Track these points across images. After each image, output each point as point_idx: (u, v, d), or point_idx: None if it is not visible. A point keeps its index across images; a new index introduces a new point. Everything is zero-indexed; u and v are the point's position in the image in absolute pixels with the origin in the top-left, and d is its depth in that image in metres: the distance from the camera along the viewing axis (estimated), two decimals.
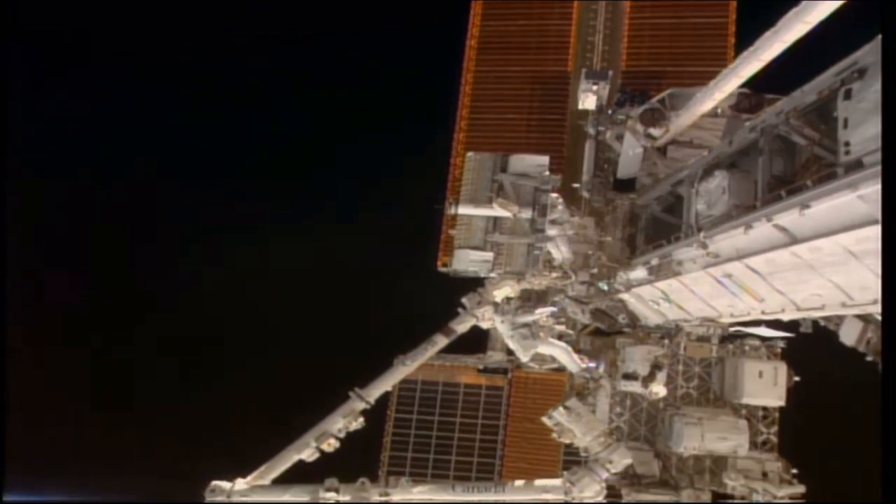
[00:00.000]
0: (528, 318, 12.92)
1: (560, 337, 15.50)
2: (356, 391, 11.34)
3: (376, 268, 29.65)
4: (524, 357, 13.13)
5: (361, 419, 11.21)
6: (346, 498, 10.51)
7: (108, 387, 32.61)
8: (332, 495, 10.48)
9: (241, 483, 10.57)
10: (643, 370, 13.14)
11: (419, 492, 10.88)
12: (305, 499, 10.52)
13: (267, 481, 10.70)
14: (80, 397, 32.10)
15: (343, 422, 11.01)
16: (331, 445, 10.89)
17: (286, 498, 10.64)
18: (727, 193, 8.65)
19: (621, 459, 11.39)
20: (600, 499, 11.04)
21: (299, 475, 10.92)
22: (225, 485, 10.51)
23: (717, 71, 9.93)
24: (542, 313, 13.27)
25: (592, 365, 14.70)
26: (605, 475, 11.09)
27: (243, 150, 33.79)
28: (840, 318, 10.99)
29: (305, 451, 10.81)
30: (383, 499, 10.55)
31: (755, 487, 13.47)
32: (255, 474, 10.75)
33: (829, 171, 6.52)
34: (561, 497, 10.94)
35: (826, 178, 6.43)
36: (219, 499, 10.39)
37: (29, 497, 31.29)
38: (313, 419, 11.08)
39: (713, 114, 12.37)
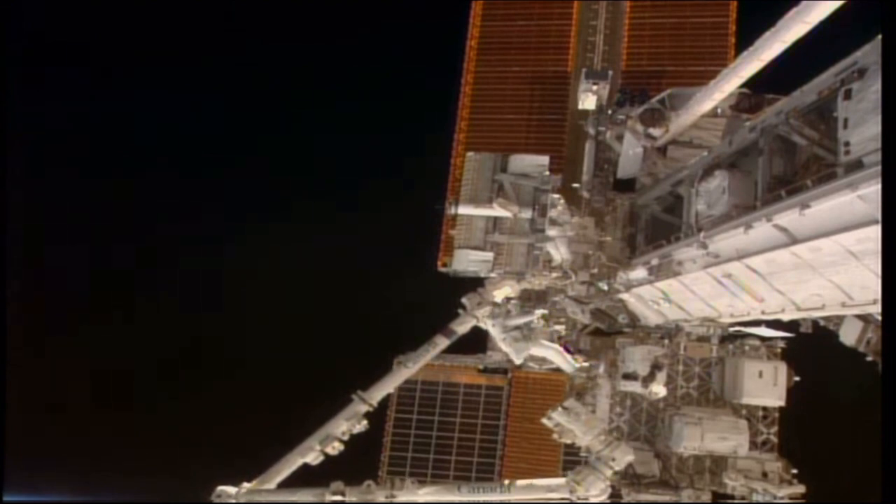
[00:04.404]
0: (520, 321, 12.92)
1: (560, 337, 15.53)
2: (359, 394, 11.32)
3: (376, 268, 29.70)
4: (517, 359, 13.13)
5: (365, 422, 11.18)
6: (353, 499, 10.47)
7: (108, 387, 32.64)
8: (338, 498, 10.45)
9: (246, 487, 10.55)
10: (643, 370, 13.13)
11: (425, 493, 10.84)
12: (311, 502, 10.47)
13: (272, 485, 10.67)
14: (81, 397, 32.14)
15: (346, 425, 10.96)
16: (335, 448, 10.85)
17: (292, 502, 10.61)
18: (727, 193, 8.66)
19: (624, 457, 11.36)
20: (605, 497, 11.01)
21: (303, 478, 10.90)
22: (230, 489, 10.47)
23: (717, 71, 9.94)
24: (533, 316, 13.28)
25: (587, 364, 14.72)
26: (609, 473, 11.07)
27: (243, 149, 33.82)
28: (840, 318, 10.99)
29: (310, 455, 10.74)
30: (389, 500, 10.51)
31: (755, 487, 13.46)
32: (259, 478, 10.71)
33: (829, 171, 6.53)
34: (566, 496, 10.92)
35: (826, 178, 6.44)
36: (225, 503, 10.35)
37: (29, 497, 31.32)
38: (316, 422, 11.05)
39: (713, 114, 12.36)
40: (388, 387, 11.77)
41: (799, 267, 7.61)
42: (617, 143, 14.13)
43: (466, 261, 12.42)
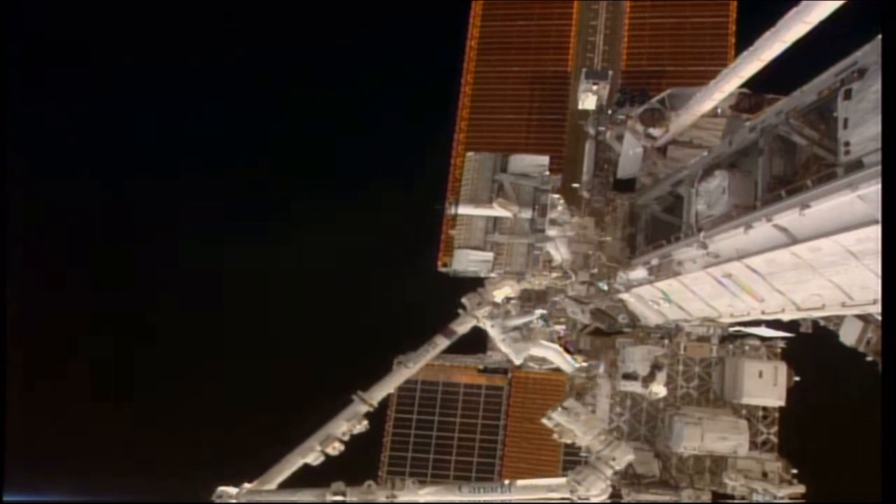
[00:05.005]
0: (519, 322, 12.91)
1: (560, 337, 15.54)
2: (359, 394, 11.32)
3: (376, 268, 29.69)
4: (517, 360, 13.13)
5: (365, 422, 11.18)
6: (353, 500, 10.47)
7: (108, 387, 32.65)
8: (339, 498, 10.44)
9: (247, 488, 10.54)
10: (643, 370, 13.13)
11: (426, 493, 10.84)
12: (312, 502, 10.46)
13: (273, 486, 10.67)
14: (81, 397, 32.14)
15: (347, 425, 10.97)
16: (335, 449, 10.85)
17: (293, 502, 10.60)
18: (727, 193, 8.67)
19: (624, 456, 11.36)
20: (605, 497, 11.00)
21: (304, 478, 10.89)
22: (231, 490, 10.46)
23: (717, 71, 9.94)
24: (533, 316, 13.28)
25: (587, 364, 14.73)
26: (609, 472, 11.06)
27: (243, 149, 33.82)
28: (840, 318, 10.99)
29: (310, 455, 10.75)
30: (390, 501, 10.51)
31: (755, 487, 13.46)
32: (260, 479, 10.70)
33: (829, 171, 6.53)
34: (567, 496, 10.91)
35: (826, 178, 6.44)
36: (225, 503, 10.34)
37: (29, 497, 31.33)
38: (317, 422, 11.05)
39: (713, 114, 12.36)
40: (388, 387, 11.77)
41: (799, 267, 7.61)
42: (617, 143, 14.13)
43: (466, 261, 12.42)
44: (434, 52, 25.89)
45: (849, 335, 10.81)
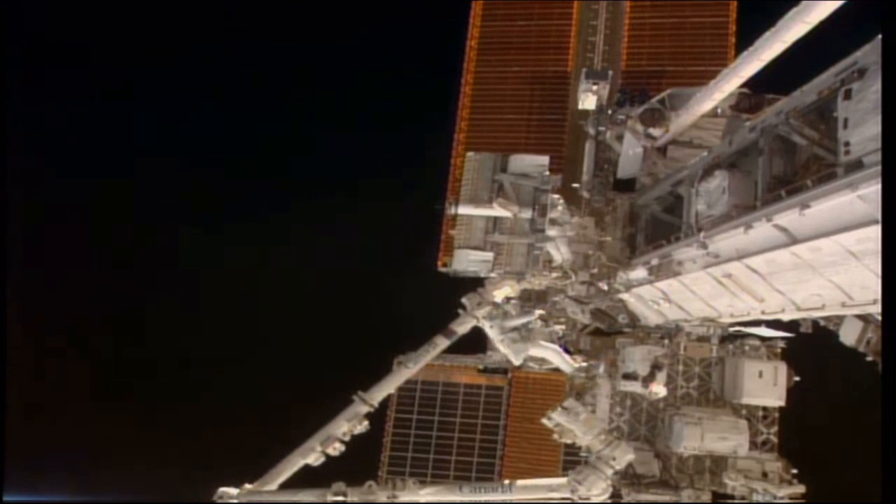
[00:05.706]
0: (518, 322, 12.90)
1: (561, 337, 15.52)
2: (360, 394, 11.32)
3: (376, 267, 29.70)
4: (516, 360, 13.10)
5: (366, 422, 11.18)
6: (354, 500, 10.46)
7: (108, 386, 32.66)
8: (339, 499, 10.43)
9: (247, 488, 10.53)
10: (643, 370, 13.13)
11: (426, 493, 10.83)
12: (313, 502, 10.45)
13: (274, 486, 10.66)
14: (81, 396, 32.14)
15: (347, 425, 10.96)
16: (336, 449, 10.84)
17: (294, 502, 10.59)
18: (727, 193, 8.67)
19: (624, 456, 11.35)
20: (606, 497, 10.99)
21: (304, 479, 10.89)
22: (232, 490, 10.45)
23: (717, 71, 9.94)
24: (532, 316, 13.26)
25: (586, 364, 14.71)
26: (610, 472, 11.05)
27: (243, 149, 33.82)
28: (840, 318, 11.00)
29: (311, 456, 10.72)
30: (391, 501, 10.50)
31: (755, 487, 13.47)
32: (261, 479, 10.68)
33: (829, 171, 6.54)
34: (568, 496, 10.90)
35: (826, 178, 6.45)
36: (226, 503, 10.33)
37: (29, 497, 31.35)
38: (317, 423, 11.05)
39: (713, 114, 12.37)
40: (388, 387, 11.75)
41: (799, 267, 7.62)
42: (617, 143, 14.13)
43: (466, 261, 12.41)
44: (434, 52, 25.90)
45: (849, 335, 10.83)
